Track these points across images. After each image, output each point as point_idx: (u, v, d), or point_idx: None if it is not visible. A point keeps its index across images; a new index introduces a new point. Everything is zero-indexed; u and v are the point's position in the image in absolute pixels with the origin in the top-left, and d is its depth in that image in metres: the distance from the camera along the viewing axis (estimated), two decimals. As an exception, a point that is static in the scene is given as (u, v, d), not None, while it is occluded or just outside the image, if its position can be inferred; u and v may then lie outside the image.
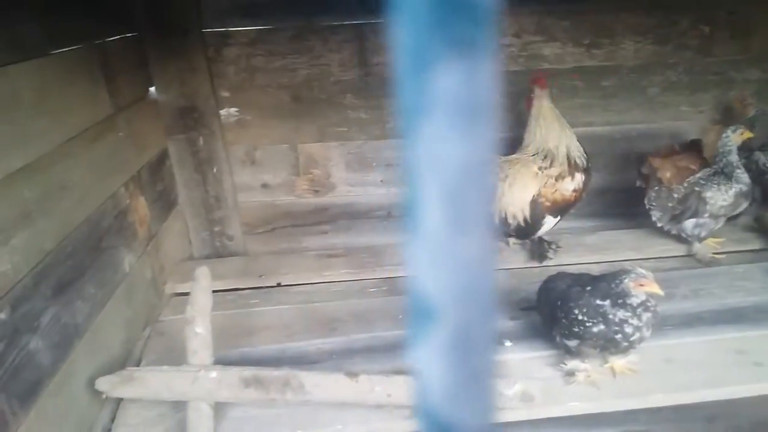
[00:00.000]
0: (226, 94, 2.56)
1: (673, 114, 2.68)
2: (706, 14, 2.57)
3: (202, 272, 1.70)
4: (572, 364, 1.69)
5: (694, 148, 2.44)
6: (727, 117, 2.66)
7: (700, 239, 2.31)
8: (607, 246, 2.40)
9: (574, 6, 2.52)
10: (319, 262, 2.46)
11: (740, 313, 1.95)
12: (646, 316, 1.56)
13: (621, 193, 2.48)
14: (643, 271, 1.54)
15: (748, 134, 2.27)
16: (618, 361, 1.69)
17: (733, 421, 2.98)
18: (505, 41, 2.55)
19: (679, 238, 2.36)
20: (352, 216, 2.75)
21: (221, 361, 1.72)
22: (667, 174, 2.35)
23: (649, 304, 1.56)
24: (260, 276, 2.36)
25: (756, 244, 2.42)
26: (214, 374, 1.58)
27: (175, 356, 1.74)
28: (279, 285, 2.34)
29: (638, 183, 2.45)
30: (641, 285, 1.53)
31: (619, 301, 1.55)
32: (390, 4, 0.31)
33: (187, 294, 2.17)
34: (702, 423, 2.97)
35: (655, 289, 1.52)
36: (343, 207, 2.74)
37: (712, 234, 2.34)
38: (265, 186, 2.69)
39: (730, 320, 1.91)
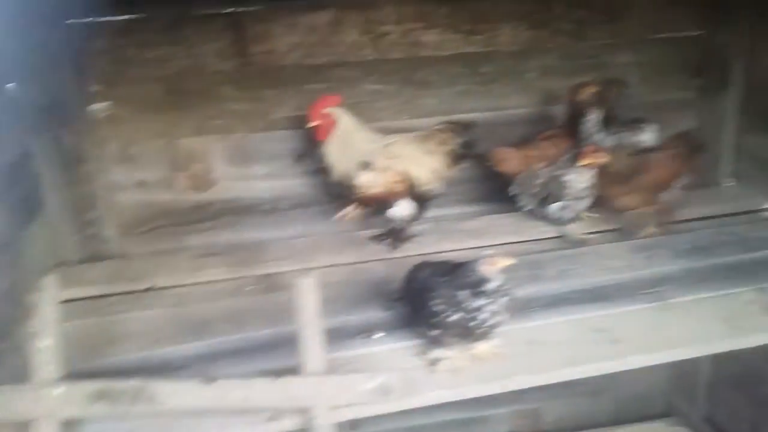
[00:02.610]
0: (96, 87, 2.42)
1: (552, 99, 2.72)
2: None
3: (49, 281, 1.59)
4: (436, 352, 1.69)
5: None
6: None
7: (570, 221, 2.37)
8: (487, 230, 2.43)
9: (453, -9, 2.52)
10: (195, 261, 2.37)
11: (603, 292, 2.01)
12: (502, 300, 1.57)
13: (502, 179, 2.51)
14: (488, 252, 1.56)
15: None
16: (481, 346, 1.70)
17: (615, 393, 3.13)
18: (386, 28, 2.53)
19: (551, 221, 2.41)
20: (236, 212, 2.66)
21: (79, 374, 1.63)
22: (510, 166, 2.44)
23: (505, 287, 1.58)
24: (131, 280, 2.26)
25: (625, 222, 2.50)
26: (59, 390, 1.50)
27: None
28: (151, 288, 2.24)
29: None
30: (493, 264, 1.54)
31: (476, 289, 1.56)
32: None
33: (61, 302, 2.08)
34: (588, 397, 3.11)
35: (506, 260, 1.55)
36: (226, 203, 2.65)
37: (582, 213, 2.40)
38: (141, 184, 2.58)
39: (593, 299, 1.97)
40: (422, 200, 2.37)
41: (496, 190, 2.64)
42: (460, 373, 1.66)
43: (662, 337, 1.79)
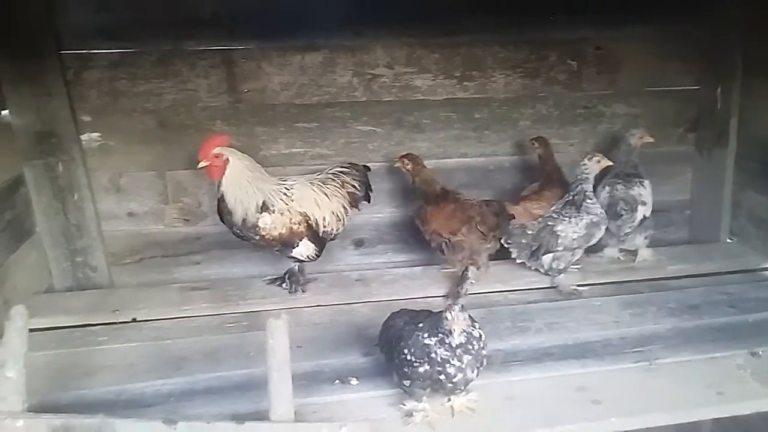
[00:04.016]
0: (87, 118, 2.44)
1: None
2: (573, 49, 2.64)
3: (18, 311, 1.57)
4: (411, 404, 1.64)
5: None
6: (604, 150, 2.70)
7: (561, 271, 2.33)
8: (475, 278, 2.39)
9: (445, 39, 2.54)
10: (181, 295, 2.35)
11: (588, 348, 1.95)
12: (466, 358, 1.52)
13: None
14: (458, 307, 1.52)
15: (606, 161, 2.32)
16: (458, 400, 1.66)
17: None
18: (378, 71, 2.55)
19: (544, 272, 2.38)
20: (225, 246, 2.65)
21: (52, 405, 1.62)
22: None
23: (469, 346, 1.53)
24: (114, 311, 2.24)
25: (619, 276, 2.46)
26: (20, 423, 1.47)
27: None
28: (134, 320, 2.22)
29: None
30: (459, 321, 1.50)
31: (445, 341, 1.52)
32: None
33: (42, 329, 2.09)
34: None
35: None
36: (215, 236, 2.64)
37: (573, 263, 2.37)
38: (131, 214, 2.58)
39: (576, 355, 1.91)
40: (323, 241, 2.35)
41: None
42: (435, 426, 1.60)
43: (645, 400, 1.71)
